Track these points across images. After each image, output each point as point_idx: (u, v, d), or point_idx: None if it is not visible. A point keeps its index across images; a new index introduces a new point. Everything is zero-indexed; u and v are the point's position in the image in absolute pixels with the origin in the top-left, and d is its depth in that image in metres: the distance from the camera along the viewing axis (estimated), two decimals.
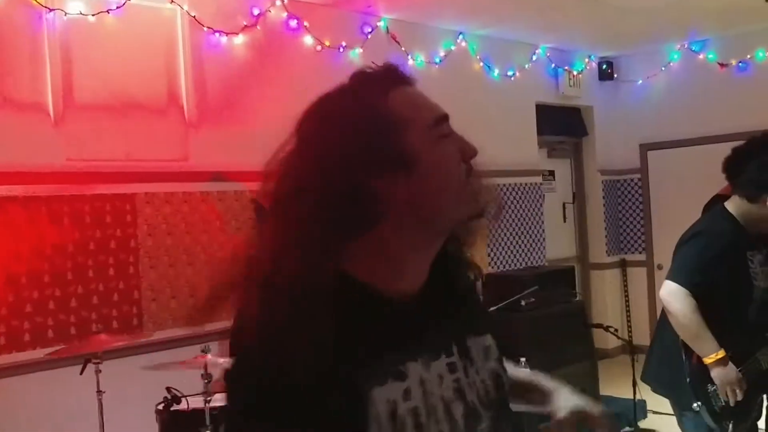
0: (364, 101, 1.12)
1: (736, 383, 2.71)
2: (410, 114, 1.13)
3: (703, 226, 2.92)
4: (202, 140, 4.71)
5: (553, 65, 7.39)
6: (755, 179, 2.77)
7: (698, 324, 2.72)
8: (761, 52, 6.99)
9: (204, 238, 4.69)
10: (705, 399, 2.77)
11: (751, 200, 2.79)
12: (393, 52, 5.88)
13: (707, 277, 2.75)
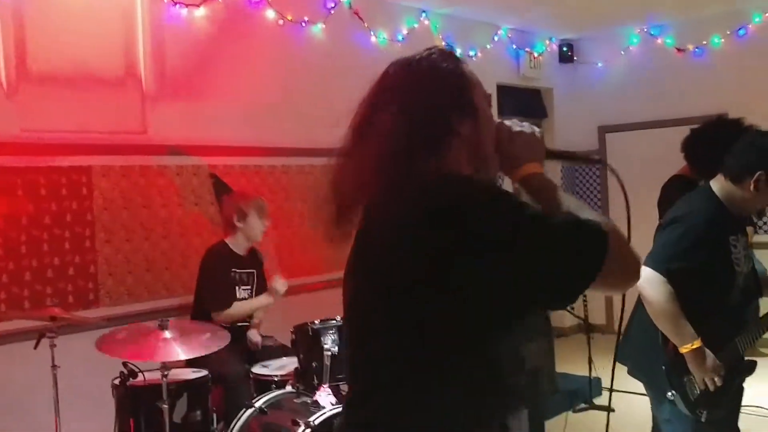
0: (451, 64, 1.50)
1: (713, 371, 2.65)
2: (476, 80, 1.51)
3: (686, 209, 2.77)
4: (161, 113, 4.63)
5: (514, 46, 7.43)
6: (741, 160, 2.69)
7: (674, 313, 2.62)
8: (716, 38, 7.11)
9: (162, 213, 4.62)
10: (680, 388, 2.72)
11: (735, 182, 2.70)
12: (356, 29, 5.85)
13: (687, 264, 2.61)
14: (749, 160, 2.67)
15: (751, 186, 2.66)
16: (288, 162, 5.35)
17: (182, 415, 3.53)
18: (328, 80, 5.63)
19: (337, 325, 3.52)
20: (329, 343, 3.43)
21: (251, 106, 5.12)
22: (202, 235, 4.77)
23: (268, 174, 5.24)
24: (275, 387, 3.67)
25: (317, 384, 3.42)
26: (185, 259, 4.70)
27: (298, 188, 5.42)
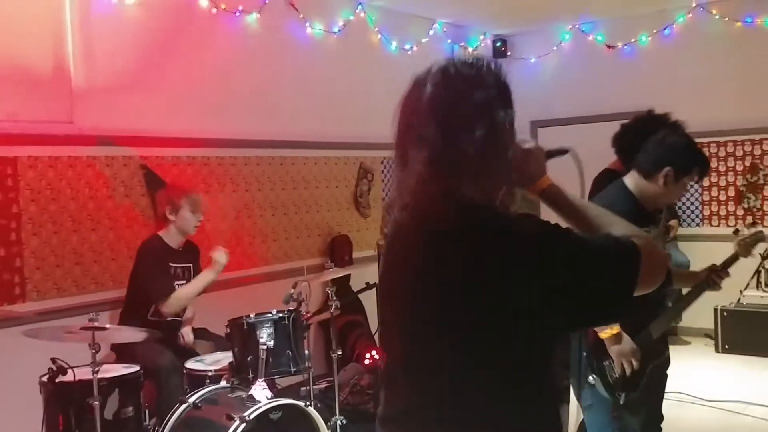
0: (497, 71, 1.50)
1: (631, 355, 2.78)
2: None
3: (599, 203, 2.90)
4: (90, 103, 4.50)
5: (449, 41, 7.49)
6: (652, 156, 2.83)
7: None
8: (644, 36, 7.32)
9: (91, 205, 4.50)
10: (600, 372, 2.84)
11: (647, 177, 2.83)
12: (291, 19, 5.80)
13: None
14: (659, 156, 2.81)
15: (660, 181, 2.79)
16: (222, 153, 5.28)
17: (114, 412, 3.46)
18: (262, 70, 5.58)
19: (273, 318, 3.51)
20: (265, 336, 3.42)
21: (184, 96, 5.03)
22: (133, 228, 4.67)
23: (202, 165, 5.16)
24: (209, 382, 3.63)
25: (252, 378, 3.40)
26: (115, 252, 4.60)
27: (232, 180, 5.36)
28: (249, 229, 5.47)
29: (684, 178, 2.82)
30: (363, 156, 6.44)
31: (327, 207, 6.12)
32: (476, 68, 1.50)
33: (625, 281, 1.45)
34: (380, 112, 7.04)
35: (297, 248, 5.83)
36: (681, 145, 2.86)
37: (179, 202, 4.17)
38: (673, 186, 2.81)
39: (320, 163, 6.06)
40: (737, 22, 6.85)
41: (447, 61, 1.53)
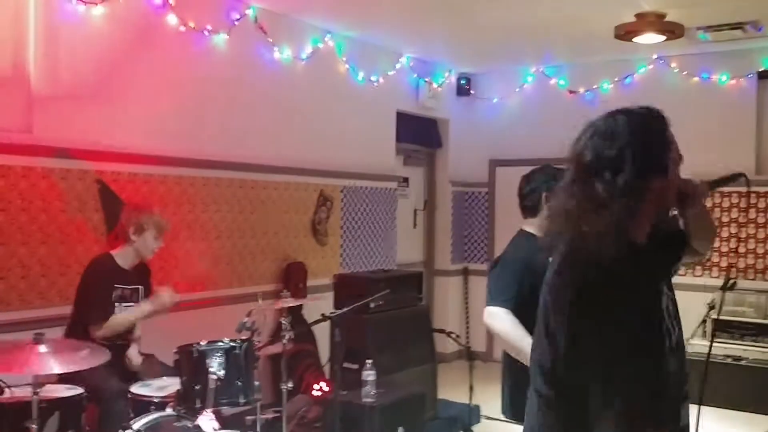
0: (659, 125, 1.87)
1: None
2: (672, 143, 1.86)
3: (505, 250, 3.16)
4: (49, 113, 4.40)
5: (415, 75, 7.55)
6: (529, 196, 3.11)
7: (519, 336, 2.82)
8: (606, 84, 7.48)
9: (42, 217, 4.37)
10: None
11: (534, 215, 3.07)
12: (259, 43, 5.78)
13: (514, 292, 2.91)
14: (534, 191, 3.08)
15: (545, 207, 2.95)
16: (181, 173, 5.20)
17: None
18: (227, 92, 5.53)
19: (224, 347, 3.43)
20: (215, 366, 3.34)
21: (146, 112, 4.95)
22: (85, 243, 4.55)
23: (159, 184, 5.06)
24: (155, 408, 3.52)
25: (200, 407, 3.31)
26: (64, 267, 4.46)
27: (189, 200, 5.27)
28: (203, 251, 5.38)
29: None
30: (323, 183, 6.41)
31: (284, 233, 6.06)
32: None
33: None
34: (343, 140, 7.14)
35: (251, 273, 5.75)
36: (546, 173, 3.10)
37: (147, 224, 4.08)
38: None
39: (280, 188, 6.01)
40: (694, 77, 7.06)
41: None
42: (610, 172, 1.77)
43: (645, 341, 1.76)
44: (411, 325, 5.55)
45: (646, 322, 1.78)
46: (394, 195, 7.40)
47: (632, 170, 1.75)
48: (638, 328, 1.75)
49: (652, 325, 1.80)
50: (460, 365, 6.99)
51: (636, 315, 1.75)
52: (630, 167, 1.75)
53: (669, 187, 1.83)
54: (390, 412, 4.30)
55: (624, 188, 1.74)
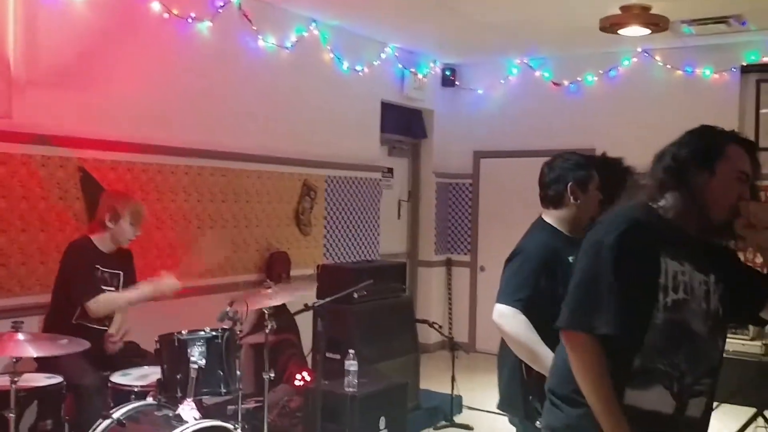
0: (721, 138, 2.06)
1: None
2: (733, 155, 2.01)
3: (520, 244, 2.96)
4: (30, 100, 4.34)
5: (400, 65, 7.52)
6: (553, 186, 2.93)
7: (532, 341, 2.71)
8: (590, 76, 7.50)
9: (22, 205, 4.33)
10: None
11: (558, 206, 2.92)
12: (244, 31, 5.74)
13: (531, 291, 2.76)
14: (558, 180, 2.92)
15: (570, 199, 2.89)
16: (163, 161, 5.16)
17: (30, 425, 3.30)
18: (211, 80, 5.49)
19: (206, 337, 3.41)
20: (196, 355, 3.31)
21: (129, 99, 4.90)
22: (65, 231, 4.50)
23: (141, 172, 5.02)
24: (135, 398, 3.50)
25: (180, 397, 3.29)
26: (44, 255, 4.42)
27: (171, 189, 5.23)
28: (185, 240, 5.34)
29: (589, 186, 2.92)
30: (307, 173, 6.39)
31: (267, 222, 6.04)
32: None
33: None
34: (327, 130, 7.10)
35: (233, 263, 5.72)
36: (571, 161, 2.97)
37: (122, 211, 4.03)
38: (584, 197, 2.91)
39: (263, 178, 5.98)
40: (678, 70, 7.09)
41: None
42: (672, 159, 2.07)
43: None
44: (394, 315, 5.54)
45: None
46: (378, 185, 7.39)
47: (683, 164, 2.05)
48: None
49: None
50: (442, 356, 7.02)
51: None
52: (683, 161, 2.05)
53: (712, 189, 2.00)
54: (372, 402, 4.30)
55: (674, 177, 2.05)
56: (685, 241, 2.01)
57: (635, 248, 1.93)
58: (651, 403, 1.93)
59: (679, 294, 1.94)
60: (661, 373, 1.94)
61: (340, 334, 4.78)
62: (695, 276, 1.98)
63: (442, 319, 8.18)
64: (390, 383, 4.65)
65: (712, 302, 2.00)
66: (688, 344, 1.96)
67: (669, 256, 1.96)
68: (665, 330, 1.92)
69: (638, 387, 1.93)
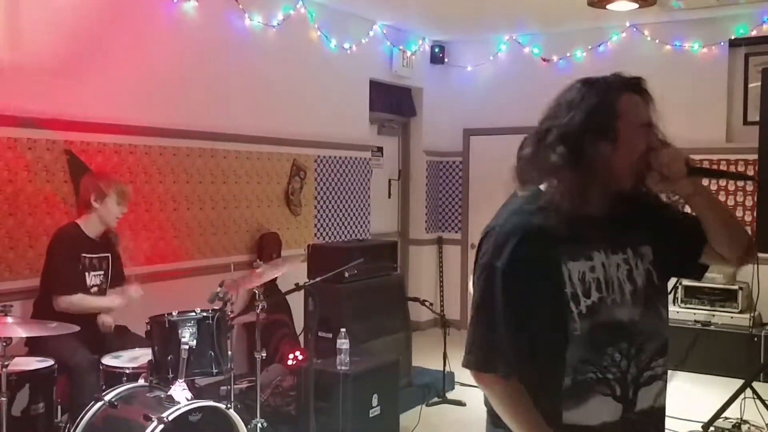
0: (608, 95, 1.78)
1: None
2: (629, 108, 1.77)
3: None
4: (14, 82, 4.29)
5: (388, 43, 7.48)
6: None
7: None
8: (579, 51, 7.48)
9: (9, 189, 4.30)
10: None
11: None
12: (230, 10, 5.68)
13: None
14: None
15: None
16: (150, 142, 5.13)
17: (22, 408, 3.31)
18: (197, 60, 5.45)
19: (196, 317, 3.41)
20: (187, 336, 3.32)
21: (114, 81, 4.86)
22: (54, 215, 4.48)
23: (128, 154, 4.99)
24: (126, 380, 3.51)
25: (172, 378, 3.30)
26: (33, 239, 4.40)
27: (159, 170, 5.20)
28: (174, 221, 5.33)
29: None
30: (297, 153, 6.36)
31: (257, 203, 6.02)
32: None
33: None
34: (316, 109, 7.08)
35: (224, 244, 5.71)
36: None
37: (107, 190, 4.02)
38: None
39: (252, 158, 5.95)
40: (666, 45, 7.08)
41: None
42: (557, 138, 1.76)
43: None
44: (385, 294, 5.55)
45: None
46: (368, 164, 7.38)
47: (577, 138, 1.74)
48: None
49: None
50: (434, 333, 7.05)
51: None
52: (575, 135, 1.74)
53: (618, 155, 1.74)
54: (364, 379, 4.32)
55: (563, 153, 1.74)
56: (592, 227, 1.78)
57: (526, 265, 1.71)
58: (595, 417, 1.75)
59: (593, 296, 1.74)
60: (595, 381, 1.74)
61: (332, 313, 4.79)
62: (611, 261, 1.79)
63: (433, 297, 8.20)
64: (382, 361, 4.67)
65: (638, 278, 1.80)
66: (615, 339, 1.76)
67: (571, 258, 1.74)
68: (585, 339, 1.72)
69: (575, 405, 1.74)
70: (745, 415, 4.95)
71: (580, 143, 1.73)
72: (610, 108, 1.76)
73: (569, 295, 1.72)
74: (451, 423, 5.26)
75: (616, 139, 1.74)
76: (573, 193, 1.73)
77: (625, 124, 1.75)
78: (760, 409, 4.94)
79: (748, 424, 4.95)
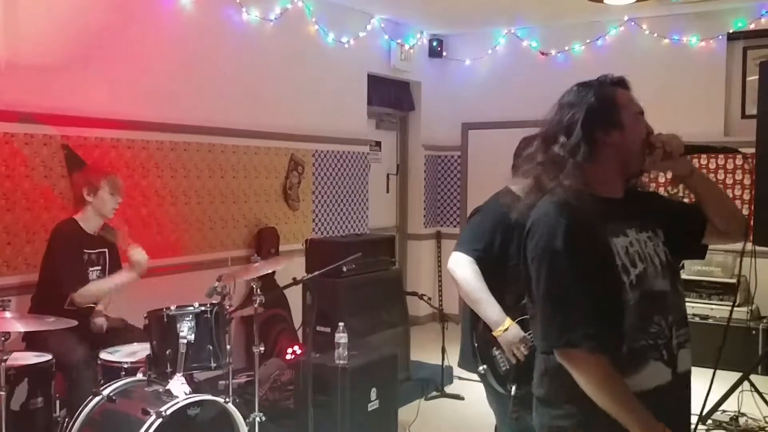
0: (605, 91, 2.00)
1: (519, 343, 2.87)
2: (625, 101, 2.00)
3: (483, 204, 3.21)
4: (12, 78, 4.29)
5: (386, 37, 7.46)
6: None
7: (479, 289, 2.95)
8: (577, 45, 7.47)
9: (6, 184, 4.29)
10: (490, 362, 2.95)
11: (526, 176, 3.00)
12: (227, 4, 5.67)
13: (486, 244, 3.01)
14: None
15: None
16: (148, 137, 5.12)
17: (21, 402, 3.31)
18: (195, 54, 5.44)
19: (195, 312, 3.41)
20: (185, 330, 3.32)
21: (111, 76, 4.85)
22: (51, 210, 4.48)
23: (126, 148, 4.99)
24: (125, 374, 3.51)
25: (170, 372, 3.30)
26: (31, 234, 4.40)
27: (157, 165, 5.20)
28: (172, 216, 5.32)
29: None
30: (294, 147, 6.36)
31: (255, 198, 6.02)
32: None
33: None
34: (314, 104, 7.05)
35: (222, 238, 5.71)
36: None
37: (98, 183, 4.02)
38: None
39: (250, 153, 5.95)
40: (665, 39, 7.07)
41: None
42: (565, 135, 1.95)
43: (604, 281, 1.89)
44: (384, 288, 5.55)
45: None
46: (366, 159, 7.37)
47: (582, 130, 1.93)
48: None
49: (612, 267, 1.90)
50: (433, 327, 7.04)
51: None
52: (579, 128, 1.93)
53: (627, 140, 1.96)
54: (363, 374, 4.32)
55: (575, 147, 1.92)
56: (619, 208, 1.97)
57: (585, 243, 1.85)
58: (651, 381, 1.88)
59: (638, 267, 1.90)
60: (648, 348, 1.88)
61: (330, 308, 4.79)
62: (641, 237, 1.96)
63: (432, 291, 8.21)
64: (380, 355, 4.67)
65: (661, 254, 1.98)
66: (659, 308, 1.92)
67: (613, 234, 1.91)
68: (637, 307, 1.87)
69: (634, 372, 1.85)
70: (742, 407, 4.96)
71: (594, 135, 1.94)
72: (612, 102, 1.98)
73: (620, 267, 1.88)
74: (449, 417, 5.26)
75: (623, 127, 1.96)
76: (596, 181, 1.95)
77: (626, 114, 1.98)
78: (757, 402, 4.95)
79: (745, 417, 4.95)
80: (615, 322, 1.86)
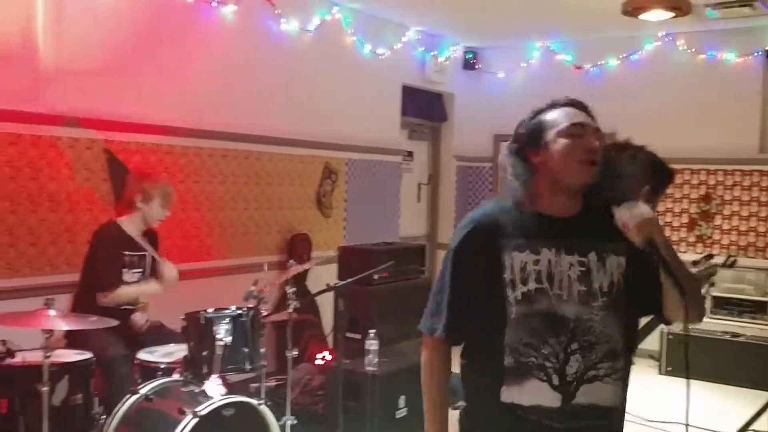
0: (536, 113, 2.06)
1: None
2: (553, 118, 2.02)
3: None
4: (58, 83, 4.42)
5: (421, 49, 7.53)
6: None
7: None
8: (612, 60, 7.47)
9: (51, 186, 4.42)
10: None
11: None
12: (267, 14, 5.78)
13: None
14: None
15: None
16: (187, 143, 5.24)
17: (62, 398, 3.40)
18: (235, 63, 5.55)
19: (232, 314, 3.48)
20: (222, 332, 3.39)
21: (153, 83, 4.98)
22: (92, 212, 4.60)
23: (166, 154, 5.11)
24: (161, 374, 3.60)
25: (206, 373, 3.38)
26: (72, 235, 4.52)
27: (195, 170, 5.31)
28: (209, 221, 5.43)
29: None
30: (329, 156, 6.45)
31: (289, 204, 6.11)
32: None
33: None
34: (349, 113, 7.15)
35: (256, 244, 5.81)
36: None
37: (153, 192, 4.13)
38: None
39: (285, 160, 6.04)
40: (701, 54, 7.05)
41: None
42: (515, 153, 2.03)
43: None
44: (413, 296, 5.58)
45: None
46: (398, 168, 7.43)
47: (515, 152, 2.02)
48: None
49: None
50: None
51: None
52: (522, 148, 2.02)
53: (550, 158, 1.96)
54: (392, 381, 4.37)
55: (515, 166, 2.01)
56: (550, 226, 1.94)
57: (473, 250, 1.97)
58: (530, 398, 1.89)
59: (529, 285, 1.89)
60: (535, 366, 1.88)
61: (361, 315, 4.84)
62: (561, 259, 1.91)
63: None
64: (410, 363, 4.70)
65: (596, 281, 1.91)
66: (558, 331, 1.88)
67: (516, 249, 1.92)
68: (523, 323, 1.89)
69: (513, 384, 1.90)
70: None
71: (524, 155, 2.00)
72: (538, 123, 2.02)
73: (507, 281, 1.92)
74: None
75: (545, 146, 1.97)
76: (531, 195, 1.98)
77: (549, 131, 1.99)
78: None
79: None
80: (496, 332, 1.92)
